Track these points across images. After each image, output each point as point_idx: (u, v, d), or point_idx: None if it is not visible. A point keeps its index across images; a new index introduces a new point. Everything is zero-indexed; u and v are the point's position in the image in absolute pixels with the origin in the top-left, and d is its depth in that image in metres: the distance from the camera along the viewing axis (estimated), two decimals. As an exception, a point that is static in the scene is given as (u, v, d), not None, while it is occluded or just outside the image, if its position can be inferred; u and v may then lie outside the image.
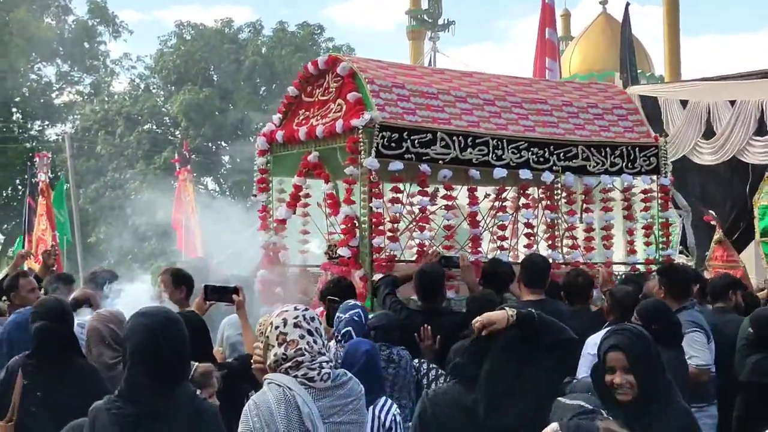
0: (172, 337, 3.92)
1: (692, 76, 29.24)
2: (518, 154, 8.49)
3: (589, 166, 8.87)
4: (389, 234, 8.19)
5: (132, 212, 38.77)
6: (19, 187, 40.58)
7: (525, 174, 8.49)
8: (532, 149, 8.57)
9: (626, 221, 9.24)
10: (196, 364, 5.15)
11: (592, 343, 5.77)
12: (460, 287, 8.11)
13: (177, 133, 42.84)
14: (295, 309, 4.15)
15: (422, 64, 34.50)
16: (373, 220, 7.85)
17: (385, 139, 7.85)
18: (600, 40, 33.99)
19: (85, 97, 45.25)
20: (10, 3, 41.30)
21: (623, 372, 4.25)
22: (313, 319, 4.12)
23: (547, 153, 8.64)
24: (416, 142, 8.02)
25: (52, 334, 5.42)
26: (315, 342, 4.06)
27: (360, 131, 7.80)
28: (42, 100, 43.80)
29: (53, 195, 19.87)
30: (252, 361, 4.36)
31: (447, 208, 8.33)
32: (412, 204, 8.64)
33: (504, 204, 8.80)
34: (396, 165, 7.88)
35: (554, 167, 8.68)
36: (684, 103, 15.04)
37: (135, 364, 3.85)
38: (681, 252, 11.60)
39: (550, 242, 9.16)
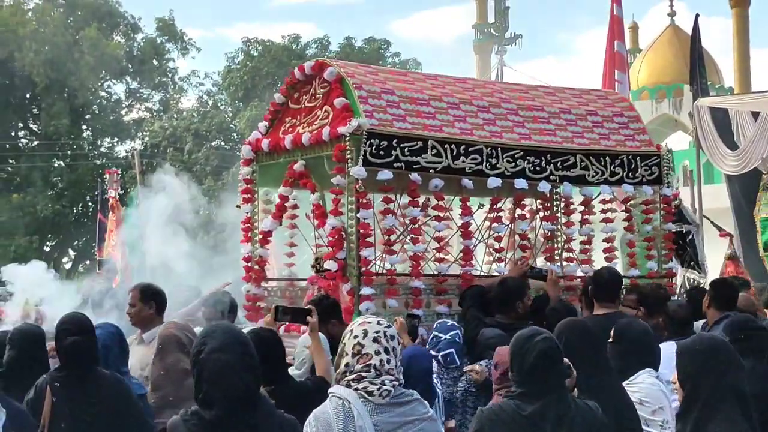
0: (251, 369, 3.86)
1: (763, 87, 28.51)
2: (513, 163, 8.11)
3: (588, 175, 8.47)
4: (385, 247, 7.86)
5: (200, 228, 39.08)
6: (90, 203, 41.22)
7: (520, 184, 8.11)
8: (528, 158, 8.18)
9: (627, 233, 8.78)
10: None
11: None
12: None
13: (245, 149, 43.01)
14: (378, 323, 4.10)
15: (489, 78, 34.23)
16: (361, 231, 7.51)
17: (373, 147, 7.51)
18: (668, 52, 33.69)
19: (154, 113, 45.95)
20: (81, 21, 42.09)
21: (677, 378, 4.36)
22: (393, 337, 4.07)
23: (543, 162, 8.25)
24: (406, 150, 7.67)
25: (84, 349, 5.39)
26: (388, 362, 4.01)
27: (347, 139, 7.48)
28: (112, 117, 44.59)
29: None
30: None
31: (438, 219, 7.99)
32: (403, 216, 8.29)
33: (499, 215, 8.37)
34: (385, 174, 7.53)
35: (551, 177, 8.29)
36: (755, 115, 14.38)
37: (219, 402, 3.76)
38: (693, 268, 11.08)
39: (547, 255, 8.72)
